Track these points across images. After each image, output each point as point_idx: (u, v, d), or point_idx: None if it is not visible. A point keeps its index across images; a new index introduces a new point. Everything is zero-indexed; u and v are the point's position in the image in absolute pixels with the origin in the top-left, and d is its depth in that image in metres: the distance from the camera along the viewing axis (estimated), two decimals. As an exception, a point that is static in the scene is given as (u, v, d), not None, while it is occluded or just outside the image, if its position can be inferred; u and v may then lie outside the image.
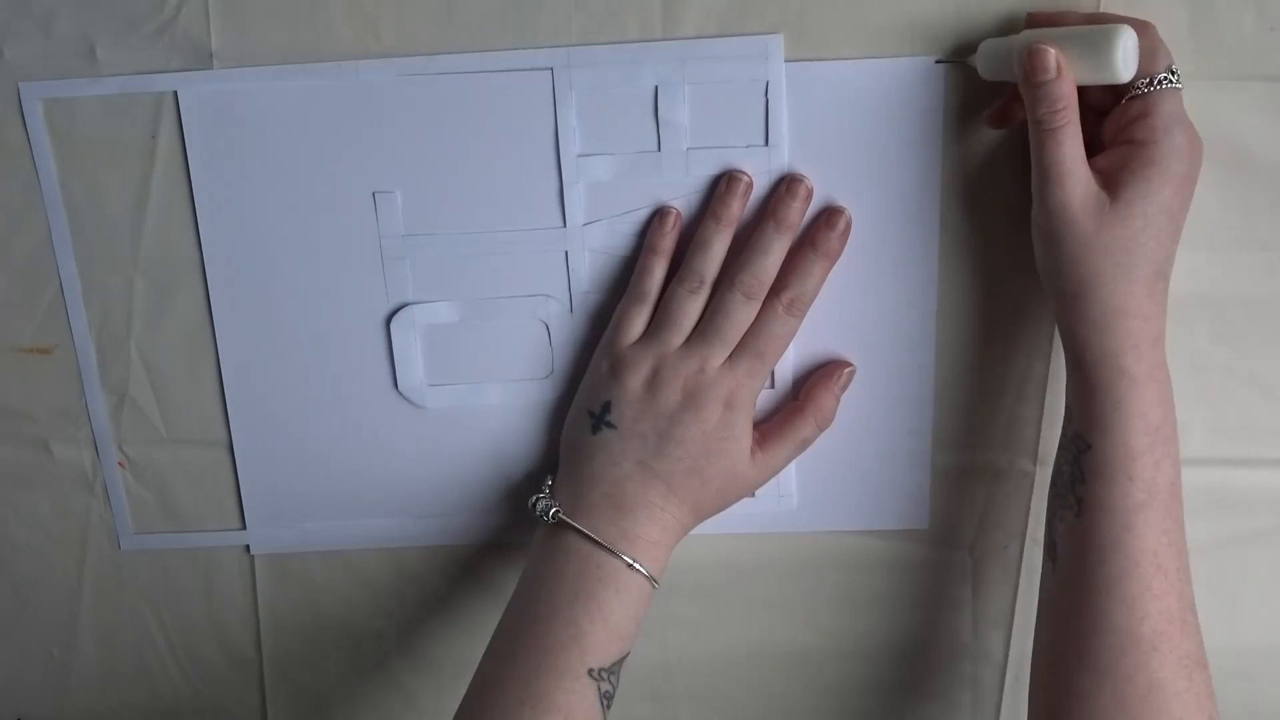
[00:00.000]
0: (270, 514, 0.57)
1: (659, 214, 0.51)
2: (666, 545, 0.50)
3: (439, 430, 0.56)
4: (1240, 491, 0.56)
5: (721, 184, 0.51)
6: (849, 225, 0.51)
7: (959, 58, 0.49)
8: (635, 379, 0.50)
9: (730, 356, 0.50)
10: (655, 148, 0.51)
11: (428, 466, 0.56)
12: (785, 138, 0.50)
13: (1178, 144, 0.44)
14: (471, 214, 0.52)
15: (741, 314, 0.50)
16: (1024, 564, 0.58)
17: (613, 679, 0.48)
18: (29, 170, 0.52)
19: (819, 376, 0.53)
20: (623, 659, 0.49)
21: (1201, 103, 0.49)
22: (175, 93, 0.50)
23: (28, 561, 0.59)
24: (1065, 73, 0.44)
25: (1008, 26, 0.49)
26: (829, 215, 0.51)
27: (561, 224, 0.52)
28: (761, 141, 0.51)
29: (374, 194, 0.52)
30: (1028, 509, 0.57)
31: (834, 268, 0.51)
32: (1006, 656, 0.59)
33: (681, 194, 0.51)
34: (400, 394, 0.55)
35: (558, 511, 0.50)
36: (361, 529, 0.58)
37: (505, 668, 0.47)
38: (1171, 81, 0.45)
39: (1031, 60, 0.44)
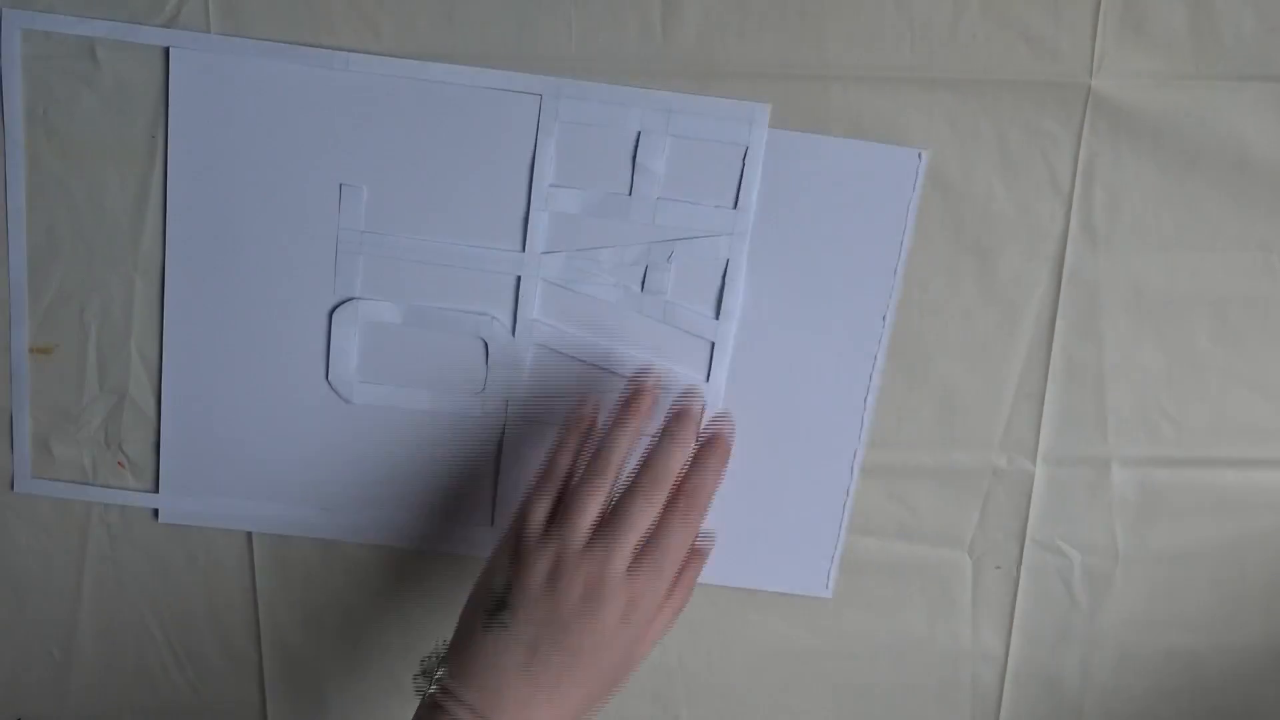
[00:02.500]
0: (186, 482, 0.57)
1: (578, 400, 0.52)
2: None
3: (364, 426, 0.56)
4: (1240, 491, 0.56)
5: (628, 388, 0.52)
6: (730, 439, 0.52)
7: None
8: (536, 574, 0.48)
9: (633, 560, 0.48)
10: (627, 191, 0.51)
11: (348, 460, 0.56)
12: (754, 205, 0.51)
13: None
14: (434, 221, 0.52)
15: (641, 516, 0.48)
16: (1024, 564, 0.58)
17: None
18: (29, 170, 0.52)
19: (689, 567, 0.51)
20: None
21: (1201, 103, 0.50)
22: (167, 49, 0.50)
23: (28, 561, 0.59)
24: None
25: None
26: (717, 424, 0.52)
27: (520, 249, 0.52)
28: (731, 204, 0.51)
29: (340, 185, 0.52)
30: (1027, 509, 0.57)
31: (773, 334, 0.53)
32: (1006, 656, 0.59)
33: (643, 240, 0.52)
34: (330, 385, 0.55)
35: (432, 694, 0.47)
36: (271, 512, 0.57)
37: None
38: None
39: None
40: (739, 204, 0.51)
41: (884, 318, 0.53)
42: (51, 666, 0.62)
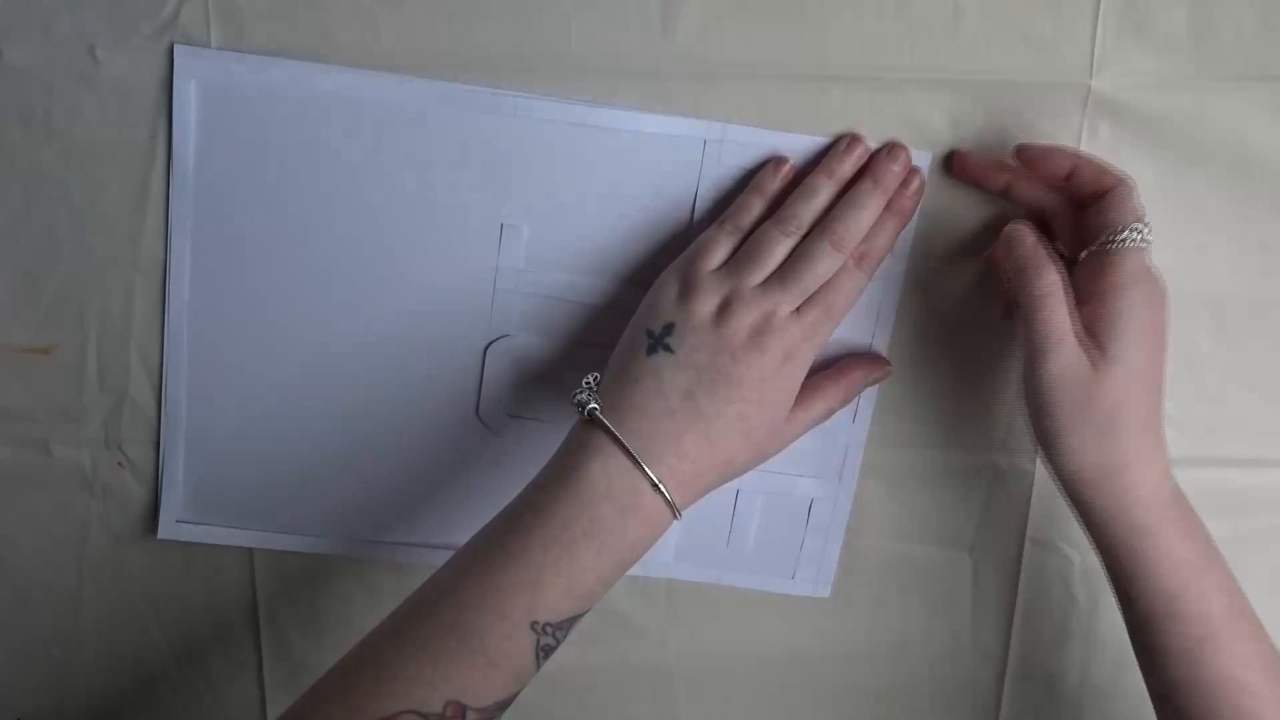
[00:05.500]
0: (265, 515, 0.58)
1: (773, 160, 0.51)
2: (682, 502, 0.47)
3: (510, 460, 0.56)
4: (1240, 491, 0.56)
5: (842, 144, 0.50)
6: (922, 186, 0.51)
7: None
8: (706, 306, 0.48)
9: (800, 307, 0.48)
10: None
11: (490, 490, 0.56)
12: (909, 247, 0.52)
13: (1137, 300, 0.45)
14: (590, 259, 0.52)
15: (826, 264, 0.48)
16: (1024, 564, 0.58)
17: (558, 634, 0.46)
18: (29, 170, 0.52)
19: (859, 360, 0.53)
20: (577, 617, 0.46)
21: (1201, 103, 0.50)
22: (170, 46, 0.50)
23: (28, 561, 0.59)
24: (1040, 245, 0.47)
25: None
26: (907, 177, 0.50)
27: None
28: None
29: (502, 225, 0.52)
30: (1028, 509, 0.57)
31: None
32: (1006, 656, 0.59)
33: None
34: (480, 419, 0.55)
35: (595, 410, 0.47)
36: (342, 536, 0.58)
37: (452, 588, 0.45)
38: (1137, 240, 0.46)
39: (1010, 239, 0.47)
40: (893, 249, 0.51)
41: (878, 316, 0.53)
42: (51, 666, 0.62)
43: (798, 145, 0.50)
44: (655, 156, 0.51)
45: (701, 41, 0.49)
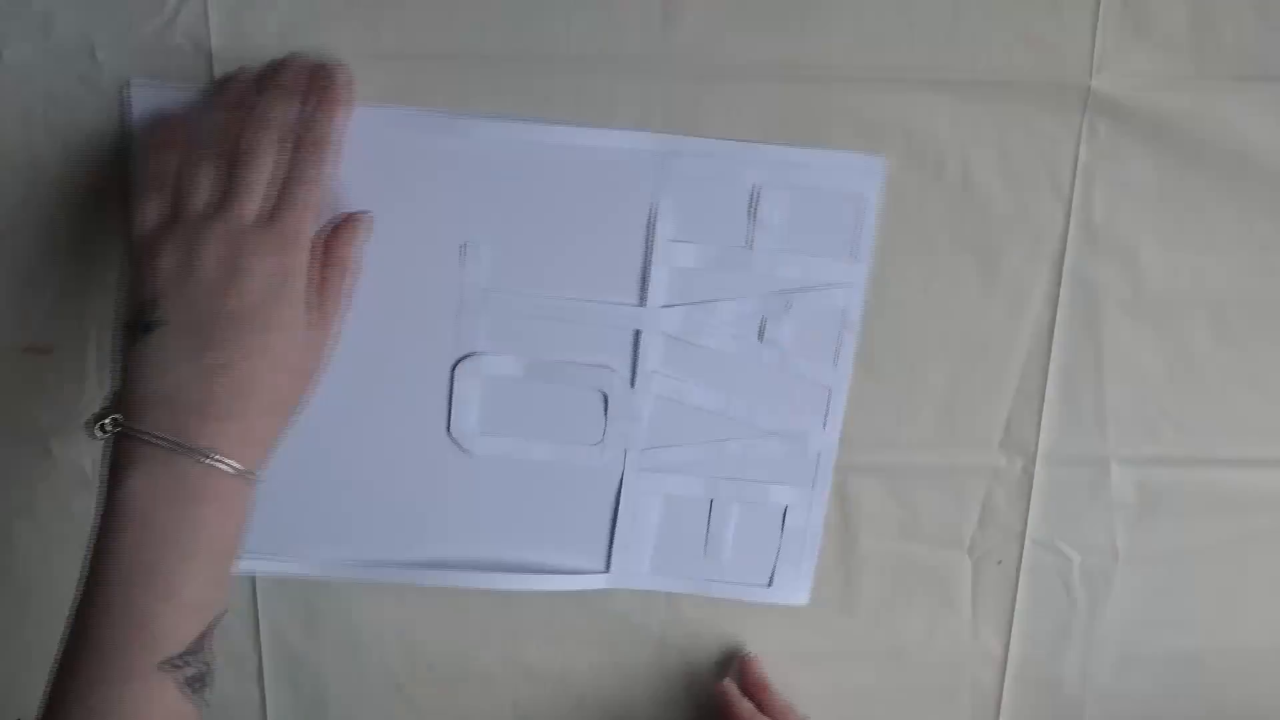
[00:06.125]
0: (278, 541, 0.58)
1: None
2: (251, 463, 0.44)
3: (483, 477, 0.56)
4: (1240, 491, 0.56)
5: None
6: (348, 84, 0.48)
7: None
8: (170, 261, 0.44)
9: (270, 212, 0.44)
10: (746, 244, 0.51)
11: (465, 509, 0.56)
12: (870, 256, 0.52)
13: None
14: (553, 276, 0.52)
15: (268, 155, 0.44)
16: (1024, 564, 0.58)
17: (197, 659, 0.42)
18: (29, 170, 0.52)
19: (341, 231, 0.48)
20: (212, 627, 0.43)
21: (1201, 103, 0.50)
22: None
23: (28, 561, 0.59)
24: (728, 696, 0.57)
25: None
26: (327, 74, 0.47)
27: (640, 302, 0.52)
28: (846, 254, 0.52)
29: (463, 244, 0.52)
30: (1027, 509, 0.57)
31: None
32: (1006, 657, 0.59)
33: (760, 292, 0.52)
34: (451, 438, 0.55)
35: (105, 424, 0.43)
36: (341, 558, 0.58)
37: (70, 671, 0.42)
38: None
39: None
40: (855, 254, 0.52)
41: (844, 321, 0.53)
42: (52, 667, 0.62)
43: (762, 157, 0.50)
44: (612, 172, 0.51)
45: (701, 41, 0.49)
